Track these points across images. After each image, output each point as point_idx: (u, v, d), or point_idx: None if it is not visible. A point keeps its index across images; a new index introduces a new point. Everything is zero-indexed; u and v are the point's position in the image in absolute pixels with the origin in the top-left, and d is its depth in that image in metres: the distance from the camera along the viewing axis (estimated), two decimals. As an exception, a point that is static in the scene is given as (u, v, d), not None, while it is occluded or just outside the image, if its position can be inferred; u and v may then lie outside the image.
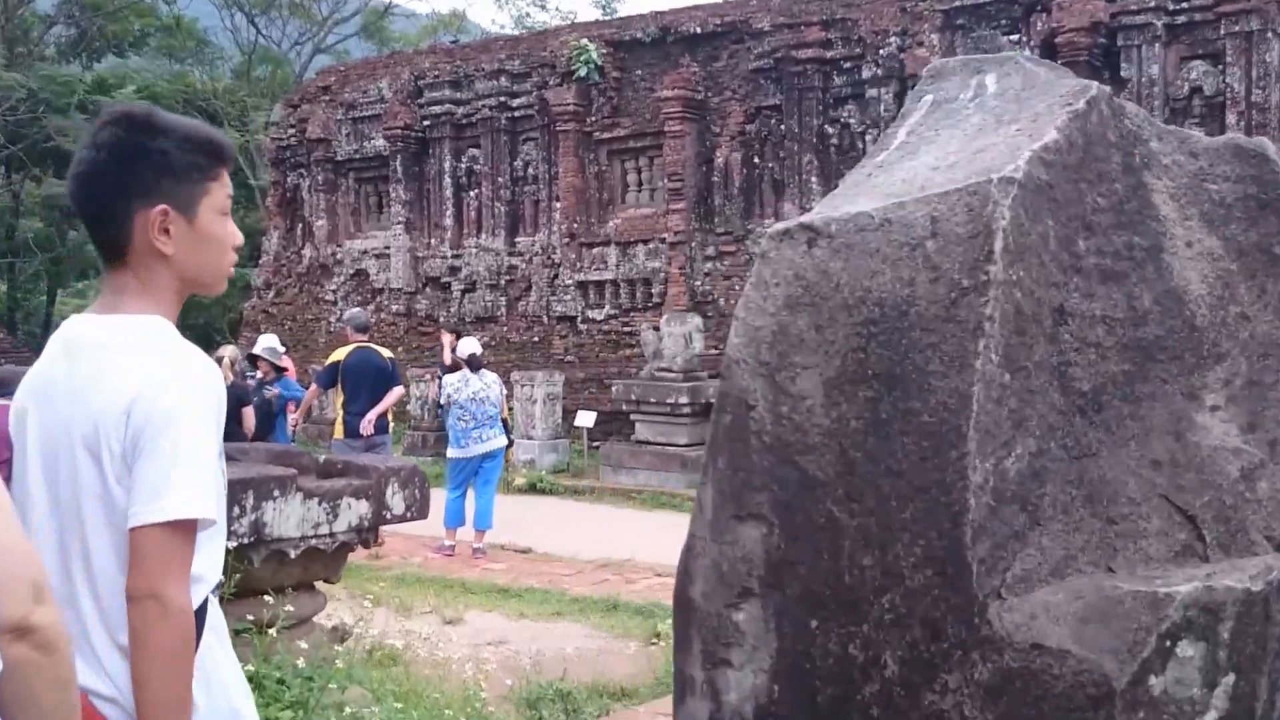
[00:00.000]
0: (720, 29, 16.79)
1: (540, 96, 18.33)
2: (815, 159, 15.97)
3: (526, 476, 14.52)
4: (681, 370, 14.92)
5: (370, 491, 4.62)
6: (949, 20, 14.87)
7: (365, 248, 20.75)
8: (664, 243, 17.27)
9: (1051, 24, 13.93)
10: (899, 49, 15.17)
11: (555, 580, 9.41)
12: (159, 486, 1.75)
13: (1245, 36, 13.09)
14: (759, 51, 16.31)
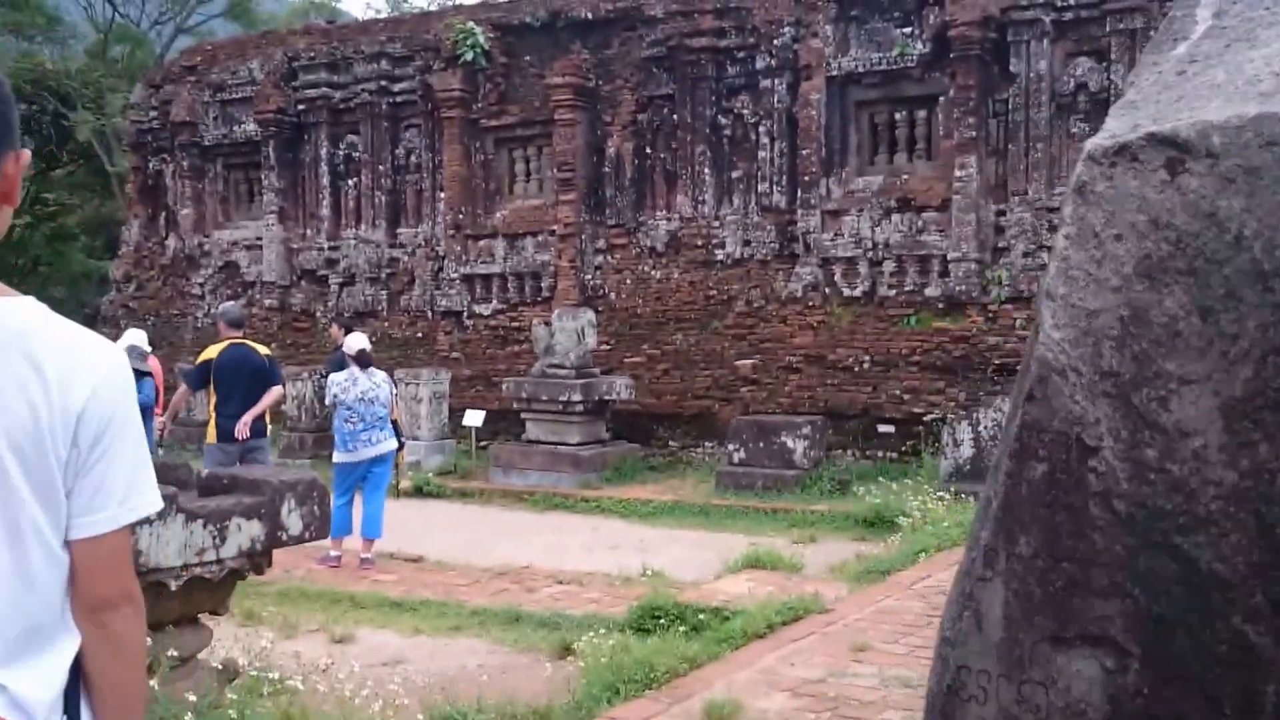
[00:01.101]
0: (612, 15, 16.57)
1: (423, 81, 17.87)
2: (708, 150, 15.87)
3: (413, 479, 14.12)
4: (574, 366, 14.69)
5: (263, 510, 4.28)
6: (842, 11, 14.89)
7: (235, 238, 20.02)
8: (553, 235, 16.99)
9: (944, 17, 14.05)
10: (793, 40, 15.14)
11: (451, 591, 9.11)
12: (130, 486, 1.74)
13: (1130, 34, 13.37)
14: (652, 39, 16.14)
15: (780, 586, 8.13)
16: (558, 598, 8.90)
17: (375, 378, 10.07)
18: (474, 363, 17.42)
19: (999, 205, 14.12)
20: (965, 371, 13.77)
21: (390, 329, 18.10)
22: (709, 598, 7.93)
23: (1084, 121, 13.71)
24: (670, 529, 12.31)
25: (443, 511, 13.44)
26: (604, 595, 8.91)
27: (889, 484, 12.21)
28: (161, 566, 3.90)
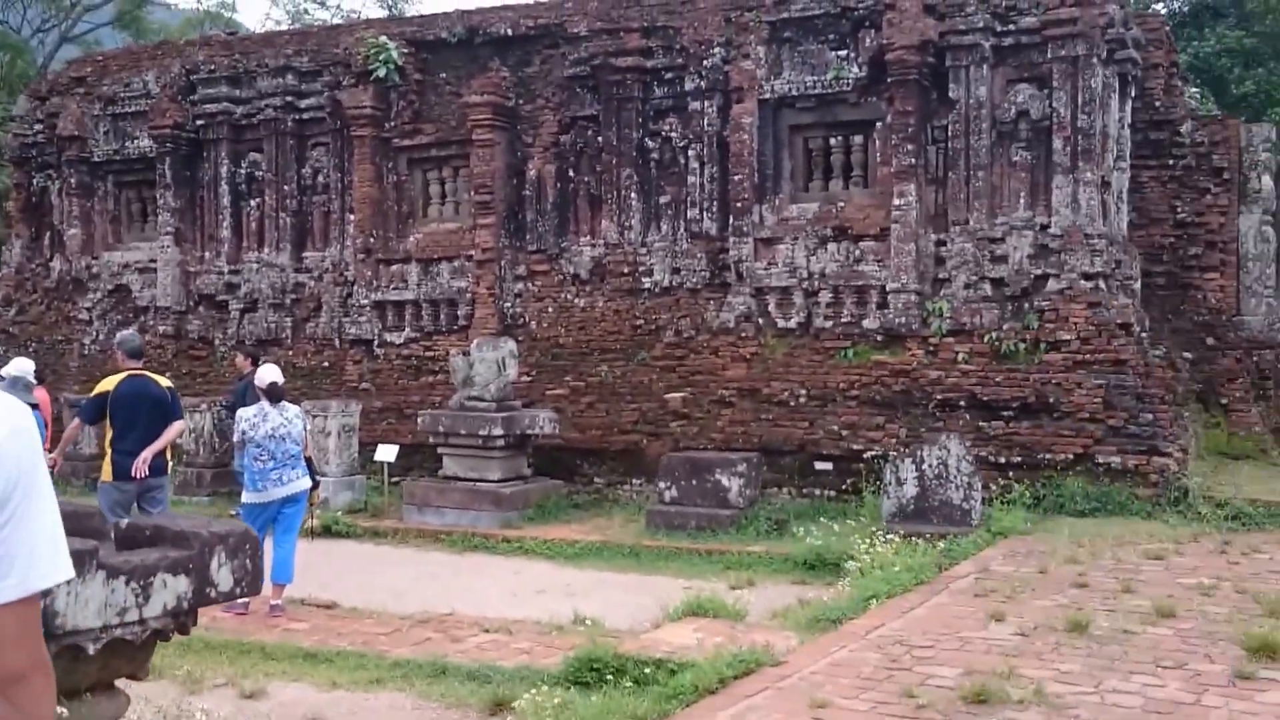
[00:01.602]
0: (533, 32, 16.39)
1: (332, 97, 17.51)
2: (635, 173, 15.73)
3: (320, 518, 13.66)
4: (495, 399, 14.40)
5: (191, 565, 3.95)
6: (775, 33, 14.88)
7: (127, 260, 19.38)
8: (471, 260, 16.70)
9: (880, 40, 14.09)
10: (723, 61, 15.09)
11: (369, 641, 8.75)
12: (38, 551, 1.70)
13: (1071, 61, 13.52)
14: (575, 58, 15.98)
15: (727, 636, 7.92)
16: (485, 648, 8.59)
17: (287, 413, 9.70)
18: (385, 394, 17.02)
19: (939, 235, 14.17)
20: (906, 406, 13.75)
21: (295, 358, 17.61)
22: (651, 648, 7.70)
23: (1026, 150, 13.85)
24: (599, 571, 12.05)
25: (354, 553, 13.03)
26: (535, 645, 8.62)
27: (829, 524, 12.10)
28: (80, 629, 3.56)
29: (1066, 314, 13.40)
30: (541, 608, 9.91)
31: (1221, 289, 15.73)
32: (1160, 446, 12.64)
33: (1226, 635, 7.54)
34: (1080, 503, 12.45)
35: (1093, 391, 12.98)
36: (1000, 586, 9.12)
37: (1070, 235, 13.49)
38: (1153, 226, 15.78)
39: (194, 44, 20.00)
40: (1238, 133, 15.89)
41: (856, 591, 9.05)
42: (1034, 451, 13.03)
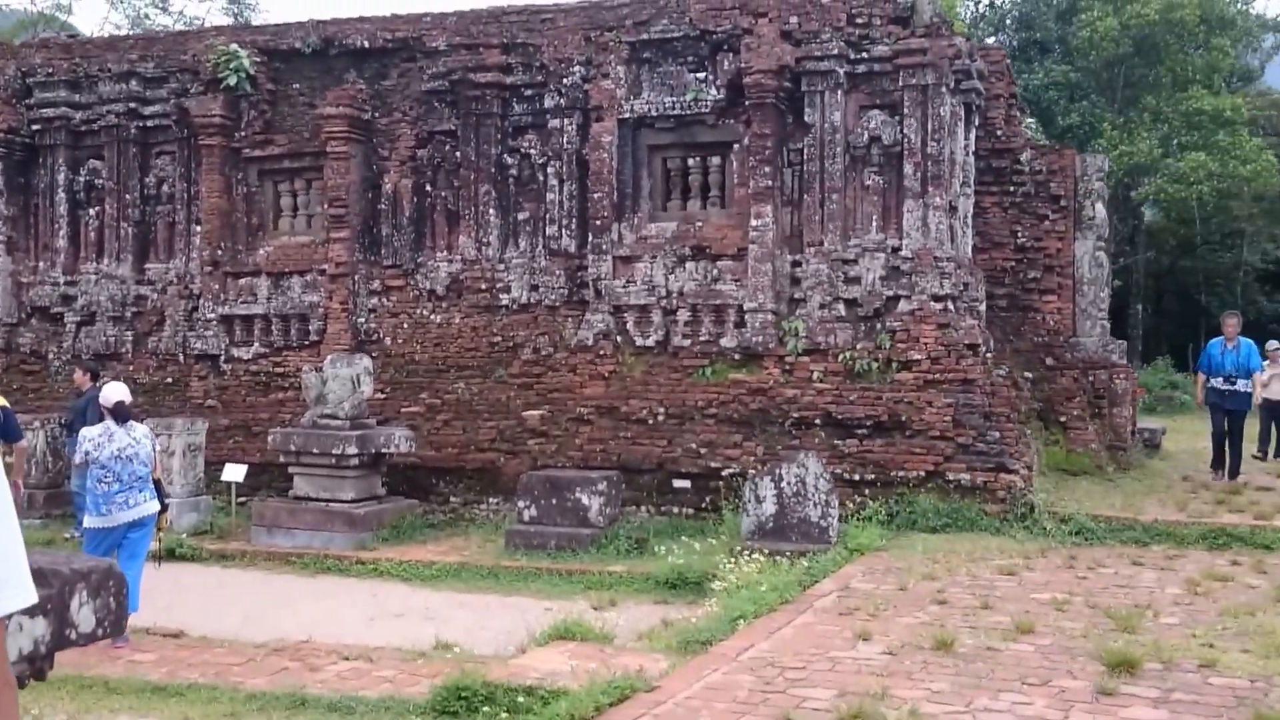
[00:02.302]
0: (391, 45, 15.96)
1: (179, 105, 16.77)
2: (493, 189, 15.44)
3: (164, 540, 12.94)
4: (349, 417, 13.92)
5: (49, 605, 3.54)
6: (635, 54, 14.79)
7: (-46, 270, 18.19)
8: (323, 275, 16.17)
9: (738, 64, 14.12)
10: (583, 79, 14.93)
11: (222, 672, 8.26)
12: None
13: (921, 90, 13.75)
14: (433, 72, 15.62)
15: (597, 660, 7.70)
16: (346, 676, 8.18)
17: (135, 432, 9.13)
18: (233, 411, 16.33)
19: (795, 256, 14.23)
20: (763, 425, 13.75)
21: (136, 373, 16.76)
22: (521, 675, 7.43)
23: (878, 174, 14.02)
24: (457, 593, 11.71)
25: (200, 577, 12.41)
26: (398, 673, 8.25)
27: (690, 542, 11.99)
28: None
29: (917, 334, 13.59)
30: (401, 633, 9.55)
31: (1059, 311, 16.19)
32: (1007, 464, 12.89)
33: (1085, 651, 7.63)
34: (932, 519, 12.61)
35: (943, 410, 13.18)
36: (863, 604, 9.10)
37: (921, 258, 13.70)
38: (995, 250, 16.16)
39: (30, 46, 18.95)
40: (1073, 162, 16.39)
41: (724, 611, 8.92)
42: (887, 469, 13.17)
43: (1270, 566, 10.54)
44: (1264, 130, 38.96)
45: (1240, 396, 15.60)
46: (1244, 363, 15.58)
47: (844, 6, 13.97)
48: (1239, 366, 15.55)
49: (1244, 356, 15.63)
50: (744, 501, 12.18)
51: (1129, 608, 8.77)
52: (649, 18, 14.70)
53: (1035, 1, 38.62)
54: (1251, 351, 15.78)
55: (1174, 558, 11.10)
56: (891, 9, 13.89)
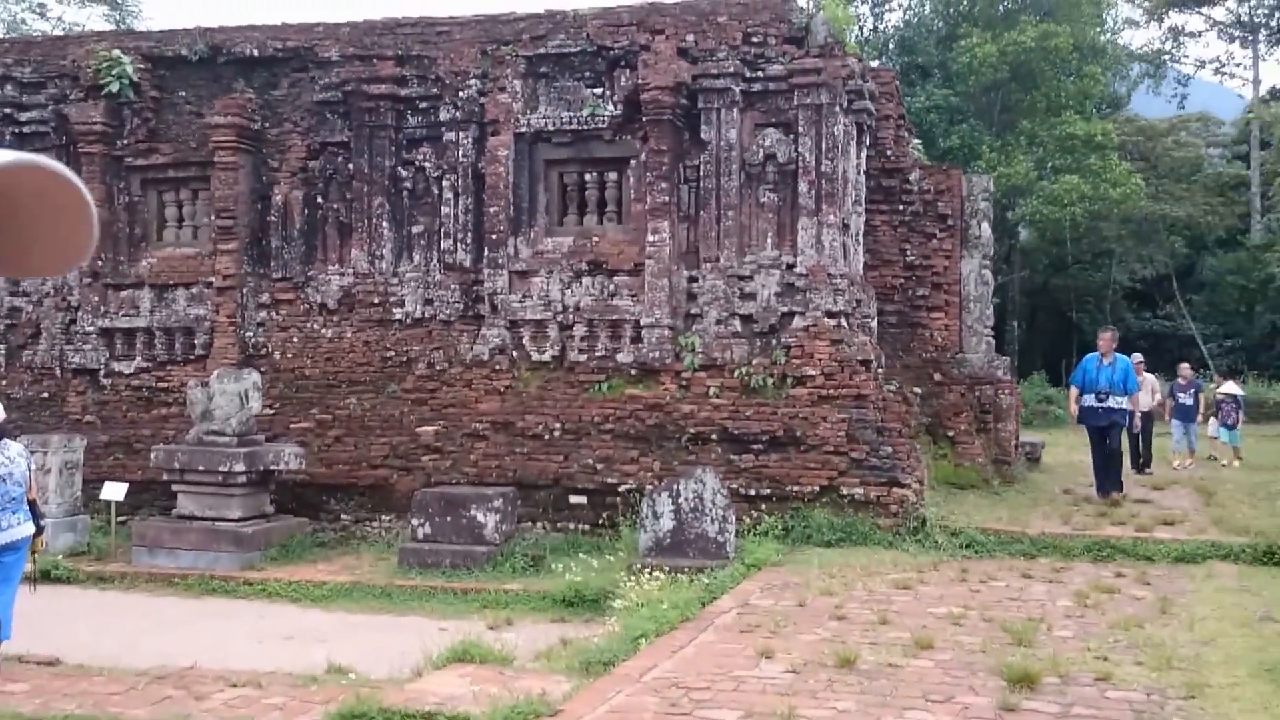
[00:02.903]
0: (281, 54, 15.50)
1: (58, 111, 16.08)
2: (387, 203, 15.07)
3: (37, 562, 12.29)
4: (236, 434, 13.43)
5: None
6: (532, 68, 14.58)
7: None
8: (210, 287, 15.61)
9: (636, 80, 14.01)
10: (479, 93, 14.67)
11: (100, 702, 7.81)
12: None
13: (816, 109, 13.78)
14: (326, 82, 15.21)
15: (497, 683, 7.44)
16: (235, 704, 7.79)
17: (9, 451, 8.60)
18: (113, 427, 15.66)
19: (691, 271, 14.14)
20: (659, 440, 13.60)
21: (10, 388, 15.99)
22: (419, 700, 7.14)
23: (773, 191, 14.00)
24: (349, 614, 11.34)
25: (77, 600, 11.83)
26: (290, 699, 7.88)
27: (587, 560, 11.79)
28: None
29: (811, 350, 13.58)
30: (291, 656, 9.16)
31: (946, 328, 16.36)
32: (900, 478, 12.93)
33: (984, 666, 7.60)
34: (827, 533, 12.58)
35: (837, 425, 13.18)
36: (763, 621, 8.99)
37: (815, 275, 13.71)
38: (884, 268, 16.27)
39: (-102, 47, 18.01)
40: (960, 182, 16.61)
41: (625, 631, 8.73)
42: (783, 484, 13.12)
43: (1153, 578, 10.70)
44: (1131, 155, 40.25)
45: (1114, 412, 15.14)
46: (1119, 380, 15.11)
47: (740, 26, 13.94)
48: (1114, 383, 15.07)
49: (1119, 373, 15.17)
50: (642, 517, 12.01)
51: (1023, 621, 8.79)
52: (546, 32, 14.51)
53: (917, 27, 39.41)
54: (1128, 369, 15.39)
55: (1061, 570, 11.21)
56: (787, 29, 13.91)
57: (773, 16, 13.96)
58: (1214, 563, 11.26)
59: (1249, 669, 7.45)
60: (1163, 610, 9.14)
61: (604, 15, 14.41)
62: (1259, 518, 13.02)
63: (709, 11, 14.06)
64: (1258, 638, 8.02)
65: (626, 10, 14.35)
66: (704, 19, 14.03)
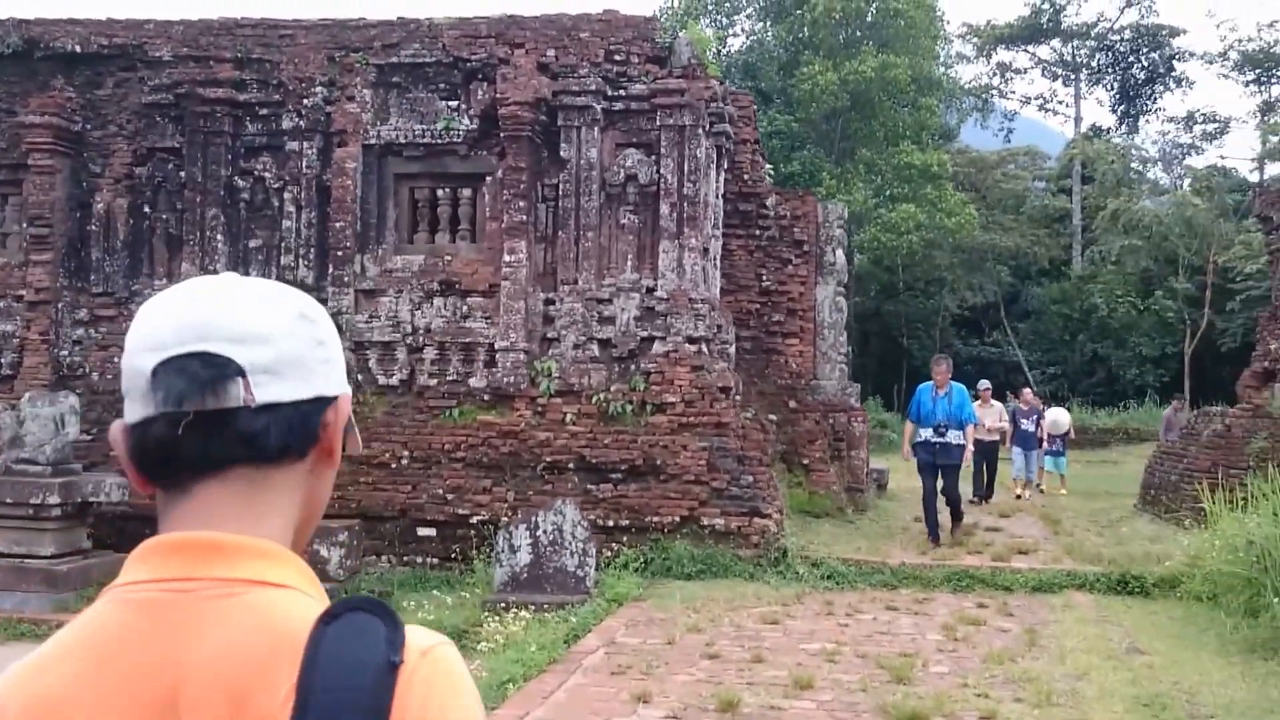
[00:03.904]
0: (107, 52, 14.59)
1: None
2: (222, 214, 14.31)
3: None
4: (51, 462, 12.45)
5: None
6: (383, 76, 14.06)
7: None
8: (20, 301, 14.57)
9: (493, 94, 13.64)
10: (325, 101, 14.07)
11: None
12: None
13: (678, 130, 13.64)
14: (156, 84, 14.37)
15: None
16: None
17: None
18: (-92, 454, 14.41)
19: (548, 294, 13.80)
20: (514, 469, 13.19)
21: None
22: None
23: (634, 213, 13.78)
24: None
25: None
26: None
27: (440, 596, 11.30)
28: None
29: (671, 376, 13.39)
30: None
31: (801, 354, 16.42)
32: (761, 508, 12.82)
33: (868, 706, 7.47)
34: (687, 565, 12.37)
35: (697, 454, 13.00)
36: (634, 661, 8.69)
37: (675, 299, 13.53)
38: (741, 293, 16.24)
39: None
40: (816, 208, 16.72)
41: (490, 676, 8.31)
42: (642, 514, 12.86)
43: (1015, 608, 10.81)
44: (963, 186, 41.66)
45: (951, 450, 13.97)
46: (956, 412, 14.00)
47: (602, 43, 13.72)
48: (951, 415, 13.97)
49: (956, 405, 14.05)
50: (497, 551, 11.58)
51: (898, 657, 8.71)
52: (399, 40, 14.01)
53: (759, 53, 39.98)
54: (964, 400, 14.24)
55: (924, 601, 11.24)
56: (650, 48, 13.74)
57: (636, 35, 13.78)
58: (1070, 592, 11.46)
59: (1125, 704, 7.49)
60: (1031, 643, 9.19)
61: (461, 26, 14.00)
62: (1107, 546, 13.37)
63: (571, 27, 13.80)
64: (1128, 670, 8.10)
65: (485, 22, 13.98)
66: (565, 34, 13.76)
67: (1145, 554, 12.40)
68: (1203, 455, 14.97)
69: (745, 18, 40.99)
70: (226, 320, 1.25)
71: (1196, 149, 48.85)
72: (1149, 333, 41.31)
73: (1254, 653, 8.47)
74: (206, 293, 1.28)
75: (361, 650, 1.16)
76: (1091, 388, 42.07)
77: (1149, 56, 50.29)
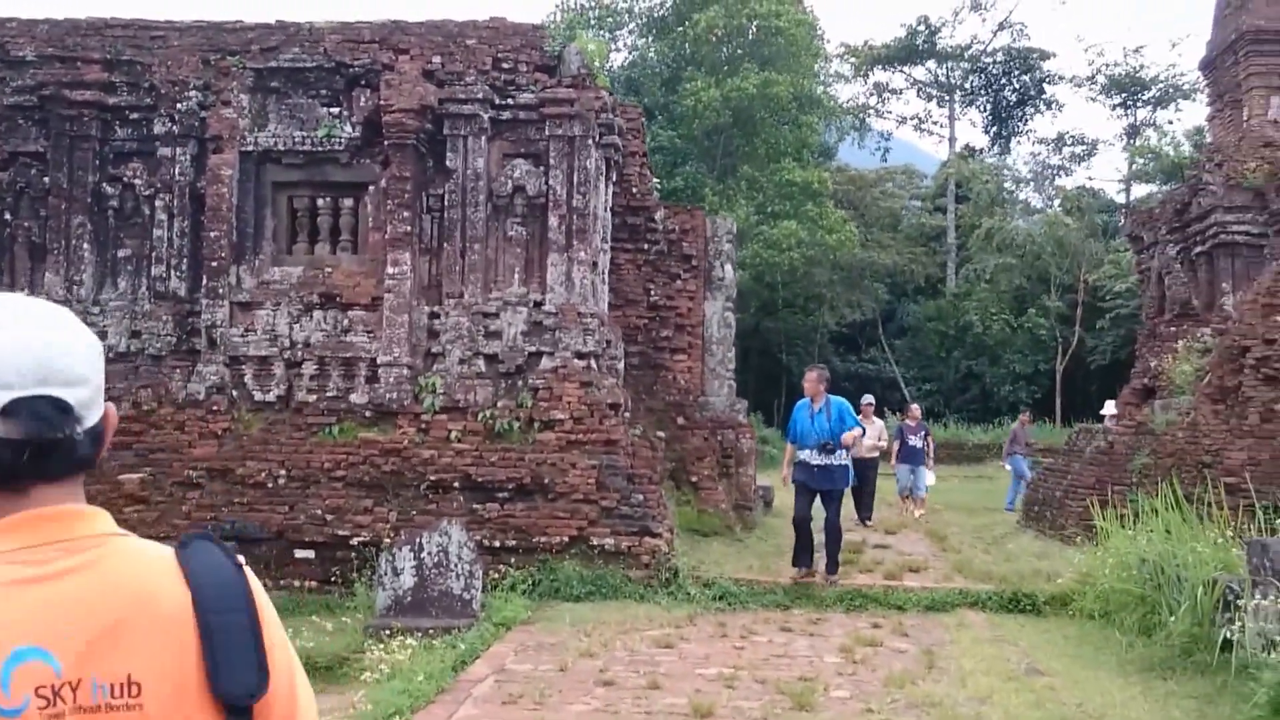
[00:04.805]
0: (-36, 49, 13.77)
1: None
2: (89, 222, 13.62)
3: None
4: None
5: None
6: (261, 81, 13.53)
7: None
8: None
9: (377, 101, 13.21)
10: (200, 106, 13.48)
11: None
12: None
13: (568, 140, 13.38)
14: (19, 85, 13.62)
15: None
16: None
17: None
18: None
19: (433, 307, 13.40)
20: (397, 488, 12.74)
21: None
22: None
23: (521, 225, 13.48)
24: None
25: None
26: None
27: (320, 622, 10.80)
28: None
29: (560, 393, 13.09)
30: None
31: (689, 370, 16.25)
32: (651, 527, 12.58)
33: (770, 735, 7.26)
34: (576, 587, 12.07)
35: (586, 472, 12.71)
36: (526, 690, 8.36)
37: (564, 313, 13.25)
38: (629, 308, 16.02)
39: None
40: (704, 223, 16.60)
41: (376, 709, 7.90)
42: (530, 534, 12.51)
43: (910, 628, 10.73)
44: (842, 204, 42.19)
45: (834, 473, 12.33)
46: (836, 426, 12.32)
47: (490, 50, 13.39)
48: (831, 432, 12.27)
49: (835, 420, 12.38)
50: (380, 574, 11.13)
51: (798, 682, 8.53)
52: (278, 44, 13.50)
53: (642, 68, 39.96)
54: (843, 411, 12.56)
55: (819, 621, 11.11)
56: (539, 57, 13.46)
57: (524, 43, 13.49)
58: (963, 610, 11.44)
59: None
60: (930, 664, 9.10)
61: (343, 30, 13.54)
62: (996, 564, 13.42)
63: (457, 34, 13.45)
64: (1030, 692, 8.03)
65: (368, 27, 13.54)
66: (451, 41, 13.40)
67: (1035, 571, 12.47)
68: (1086, 472, 15.18)
69: (628, 33, 40.98)
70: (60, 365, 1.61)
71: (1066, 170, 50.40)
72: (1022, 350, 42.28)
73: (1151, 671, 8.49)
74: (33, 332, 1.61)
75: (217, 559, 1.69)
76: (966, 404, 42.88)
77: (1020, 79, 51.66)
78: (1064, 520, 15.03)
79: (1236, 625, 7.49)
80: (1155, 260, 21.15)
